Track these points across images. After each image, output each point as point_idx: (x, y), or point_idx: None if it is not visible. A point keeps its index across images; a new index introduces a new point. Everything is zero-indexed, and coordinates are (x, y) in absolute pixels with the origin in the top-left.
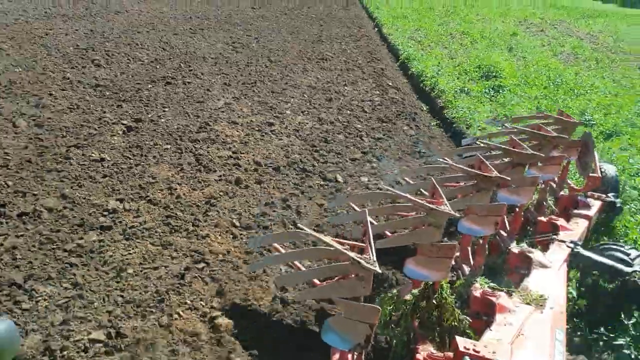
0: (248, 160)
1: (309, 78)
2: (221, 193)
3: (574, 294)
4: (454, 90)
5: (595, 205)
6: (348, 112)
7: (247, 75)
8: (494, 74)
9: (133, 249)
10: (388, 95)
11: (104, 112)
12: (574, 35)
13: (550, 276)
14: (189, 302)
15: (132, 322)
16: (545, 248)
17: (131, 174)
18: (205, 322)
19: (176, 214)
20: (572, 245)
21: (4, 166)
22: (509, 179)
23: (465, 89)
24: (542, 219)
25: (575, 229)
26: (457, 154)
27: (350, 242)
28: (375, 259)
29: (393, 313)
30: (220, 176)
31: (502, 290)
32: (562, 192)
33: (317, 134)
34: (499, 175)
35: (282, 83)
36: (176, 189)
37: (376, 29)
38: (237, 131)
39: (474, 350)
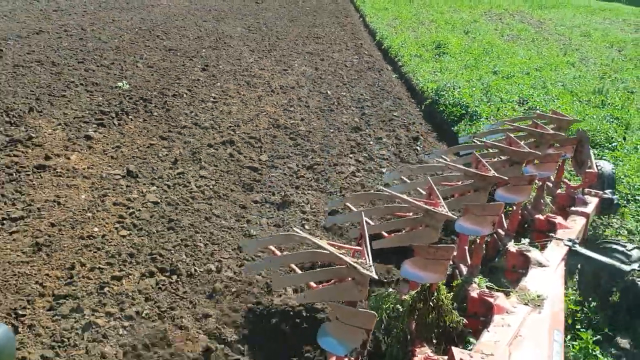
0: (275, 85)
1: (308, 48)
2: (264, 95)
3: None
4: (410, 55)
5: (593, 202)
6: (335, 66)
7: (263, 46)
8: (443, 46)
9: (231, 108)
10: (364, 60)
11: (184, 62)
12: (526, 22)
13: (548, 275)
14: (262, 123)
15: (243, 123)
16: (543, 246)
17: (214, 87)
18: (272, 122)
19: (245, 101)
20: (570, 243)
21: (148, 81)
22: (506, 178)
23: (419, 54)
24: (540, 217)
25: (573, 226)
26: (454, 153)
27: (346, 245)
28: (371, 263)
29: (388, 312)
30: (262, 90)
31: (499, 291)
32: (559, 190)
33: (315, 75)
34: (496, 174)
35: (289, 51)
36: (241, 92)
37: (360, 18)
38: (266, 72)
39: None
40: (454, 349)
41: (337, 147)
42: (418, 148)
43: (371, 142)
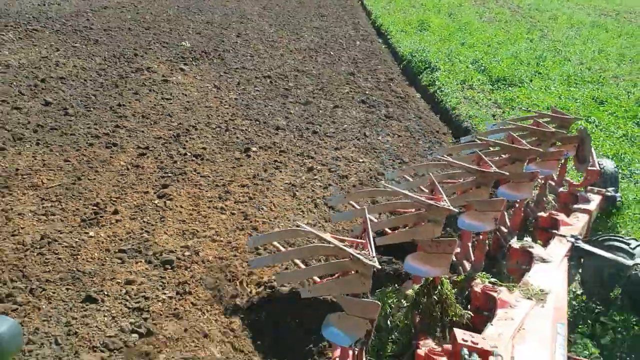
0: (292, 47)
1: (314, 24)
2: (285, 53)
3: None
4: (397, 31)
5: (595, 199)
6: (336, 37)
7: (279, 22)
8: (425, 24)
9: (264, 60)
10: (359, 33)
11: (221, 31)
12: (505, 6)
13: (551, 271)
14: (286, 68)
15: (274, 68)
16: (545, 243)
17: (249, 47)
18: (293, 68)
19: (273, 57)
20: (572, 239)
21: (201, 42)
22: (507, 174)
23: (404, 30)
24: (543, 214)
25: (576, 223)
26: (457, 151)
27: (350, 239)
28: (374, 255)
29: (393, 306)
30: (283, 50)
31: (502, 285)
32: (561, 188)
33: (321, 43)
34: (497, 170)
35: (299, 26)
36: (268, 51)
37: (359, 1)
38: (283, 40)
39: (472, 342)
40: (456, 330)
41: (337, 81)
42: (391, 83)
43: (360, 80)
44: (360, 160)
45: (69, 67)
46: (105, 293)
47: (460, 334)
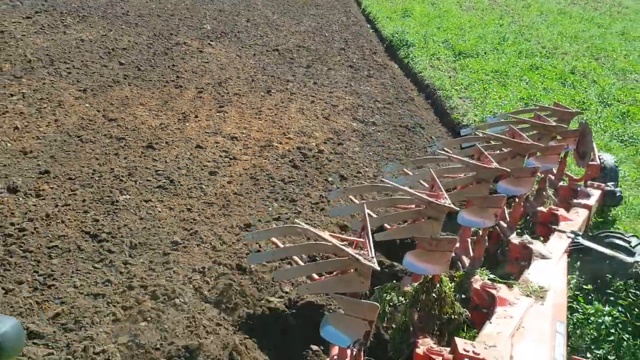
0: (293, 30)
1: (311, 12)
2: (288, 34)
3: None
4: (383, 17)
5: (595, 194)
6: (330, 22)
7: (280, 10)
8: (408, 12)
9: (270, 39)
10: (350, 20)
11: (233, 18)
12: None
13: (550, 267)
14: (290, 45)
15: (280, 45)
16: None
17: (258, 30)
18: (296, 45)
19: (278, 37)
20: (572, 235)
21: (219, 26)
22: (508, 170)
23: (389, 17)
24: (542, 209)
25: (576, 218)
26: (457, 145)
27: (348, 237)
28: (373, 254)
29: (391, 305)
30: (286, 32)
31: (502, 282)
32: (561, 183)
33: (317, 27)
34: (498, 166)
35: (298, 13)
36: (274, 33)
37: None
38: (286, 24)
39: (473, 352)
40: (457, 339)
41: (331, 54)
42: (374, 55)
43: (349, 53)
44: (346, 98)
45: (125, 42)
46: (205, 146)
47: (461, 343)
